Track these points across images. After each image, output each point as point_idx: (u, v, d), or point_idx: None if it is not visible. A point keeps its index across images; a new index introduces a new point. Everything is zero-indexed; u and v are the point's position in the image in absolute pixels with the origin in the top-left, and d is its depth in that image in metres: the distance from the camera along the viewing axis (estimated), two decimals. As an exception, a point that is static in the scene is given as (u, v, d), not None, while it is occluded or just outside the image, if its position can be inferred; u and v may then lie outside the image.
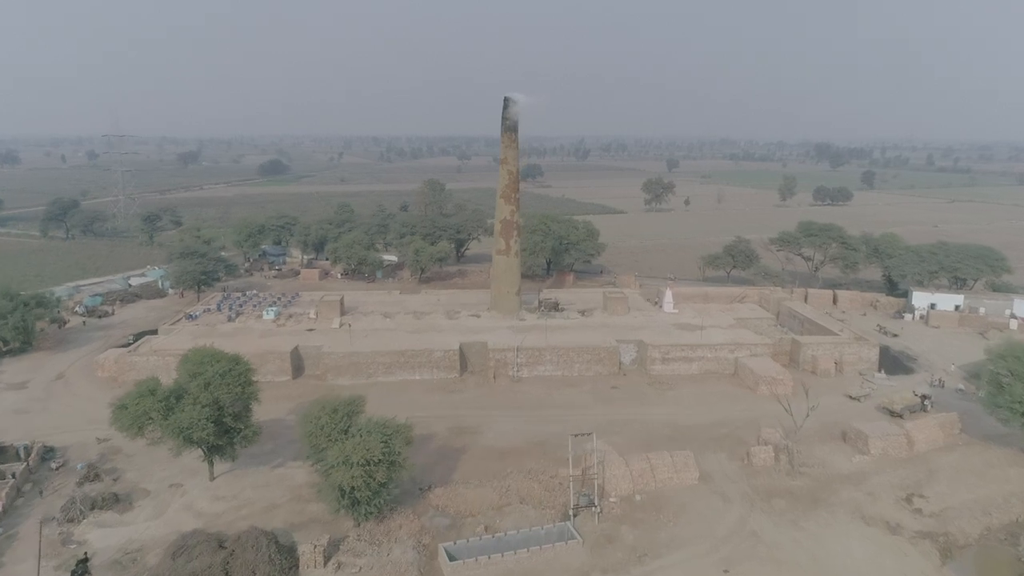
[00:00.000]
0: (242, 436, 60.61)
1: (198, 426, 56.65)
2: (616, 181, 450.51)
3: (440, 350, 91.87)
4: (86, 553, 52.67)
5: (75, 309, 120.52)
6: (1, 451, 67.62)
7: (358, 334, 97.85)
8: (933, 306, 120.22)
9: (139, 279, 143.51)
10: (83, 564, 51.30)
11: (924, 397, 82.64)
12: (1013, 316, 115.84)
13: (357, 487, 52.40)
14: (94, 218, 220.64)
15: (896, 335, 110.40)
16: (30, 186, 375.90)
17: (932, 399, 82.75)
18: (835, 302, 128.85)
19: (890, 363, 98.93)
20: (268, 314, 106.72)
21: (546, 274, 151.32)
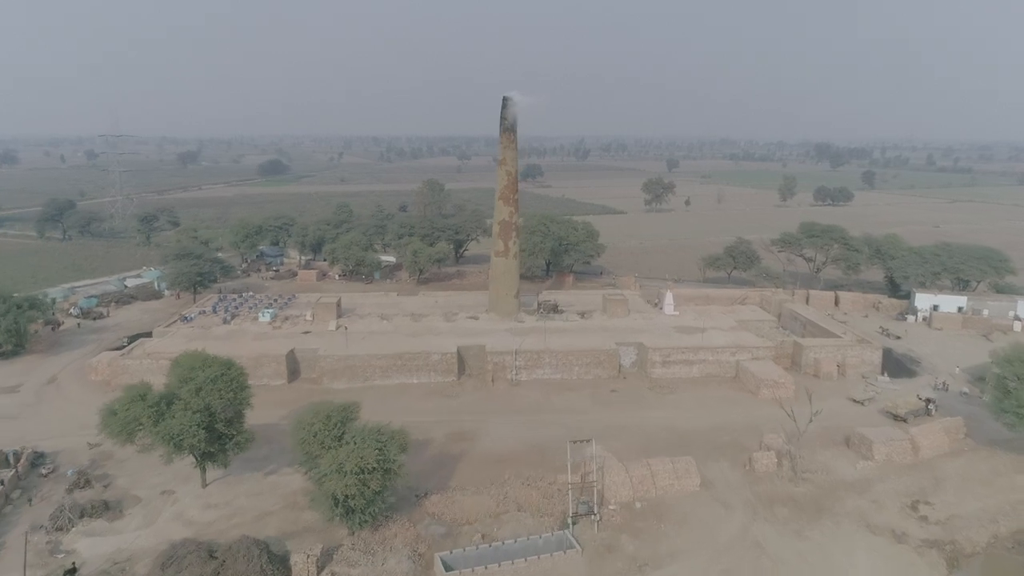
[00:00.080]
0: (234, 443, 59.45)
1: (189, 433, 55.50)
2: (616, 181, 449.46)
3: (437, 353, 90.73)
4: (74, 563, 51.60)
5: (69, 311, 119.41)
6: (-10, 457, 66.39)
7: (355, 337, 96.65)
8: (936, 308, 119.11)
9: (135, 280, 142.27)
10: (71, 574, 50.28)
11: (928, 401, 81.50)
12: (1017, 318, 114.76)
13: (351, 496, 51.29)
14: (91, 219, 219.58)
15: (899, 337, 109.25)
16: (29, 186, 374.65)
17: (936, 403, 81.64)
18: (837, 304, 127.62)
19: (893, 366, 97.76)
20: (264, 316, 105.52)
21: (545, 275, 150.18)
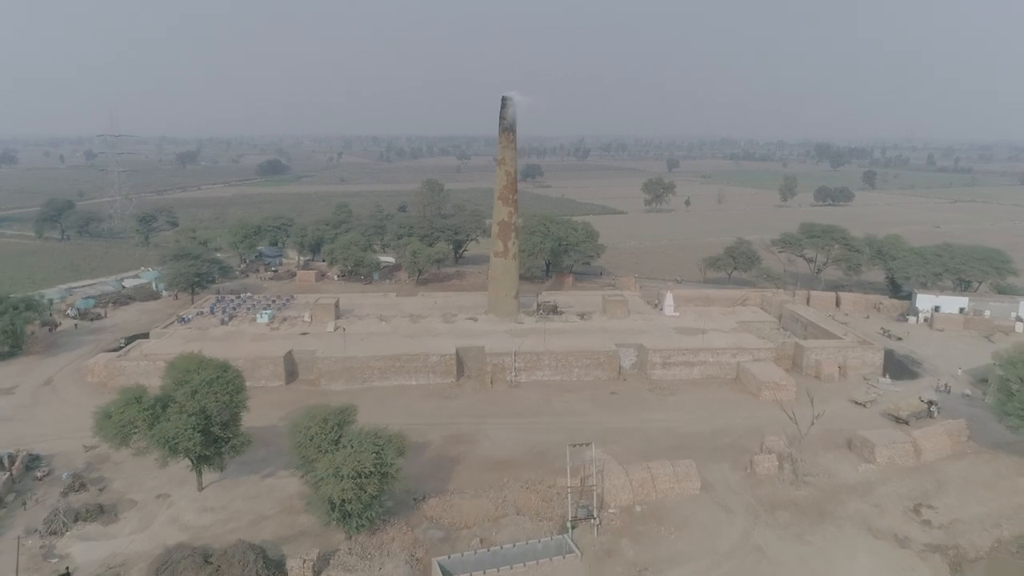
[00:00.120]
0: (230, 446, 58.85)
1: (184, 436, 54.90)
2: (616, 181, 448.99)
3: (436, 355, 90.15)
4: (68, 568, 51.02)
5: (67, 312, 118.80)
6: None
7: (353, 338, 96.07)
8: (937, 309, 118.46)
9: (133, 281, 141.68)
10: (64, 579, 49.71)
11: (930, 403, 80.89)
12: (1019, 319, 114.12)
13: (348, 500, 50.68)
14: (89, 219, 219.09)
15: (900, 338, 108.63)
16: (27, 186, 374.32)
17: (939, 405, 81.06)
18: (838, 304, 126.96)
19: (895, 367, 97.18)
20: (262, 317, 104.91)
21: (545, 276, 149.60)
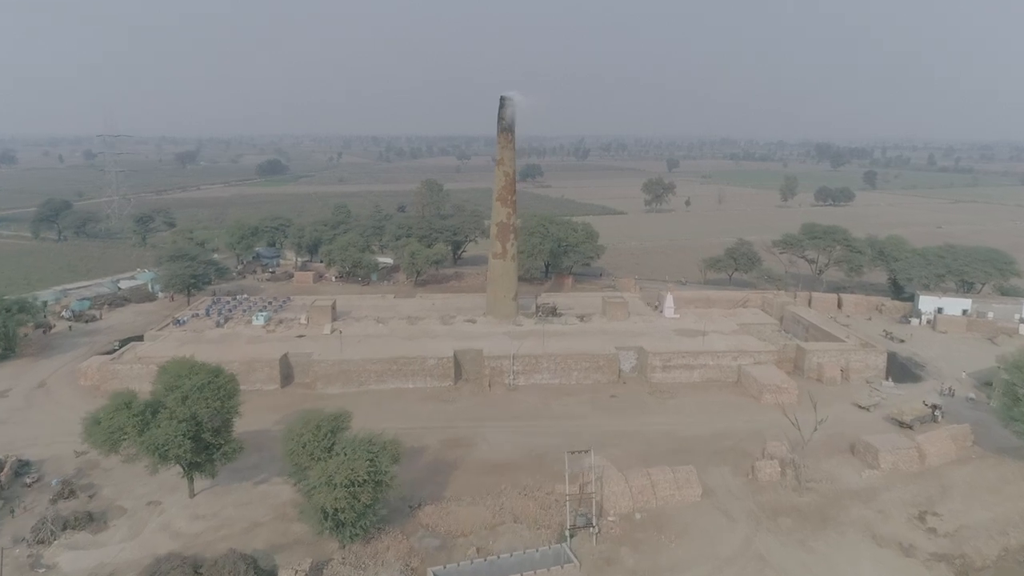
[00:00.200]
0: (222, 453, 57.69)
1: (174, 443, 53.76)
2: (616, 181, 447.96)
3: (434, 357, 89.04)
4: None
5: (61, 313, 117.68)
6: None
7: (349, 340, 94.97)
8: (940, 310, 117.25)
9: (129, 282, 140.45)
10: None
11: (934, 407, 79.76)
12: (1023, 321, 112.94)
13: (341, 509, 49.52)
14: (87, 219, 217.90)
15: (903, 341, 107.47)
16: (26, 186, 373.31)
17: (943, 409, 79.93)
18: (840, 306, 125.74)
19: (897, 370, 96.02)
20: (258, 319, 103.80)
21: (544, 277, 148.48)
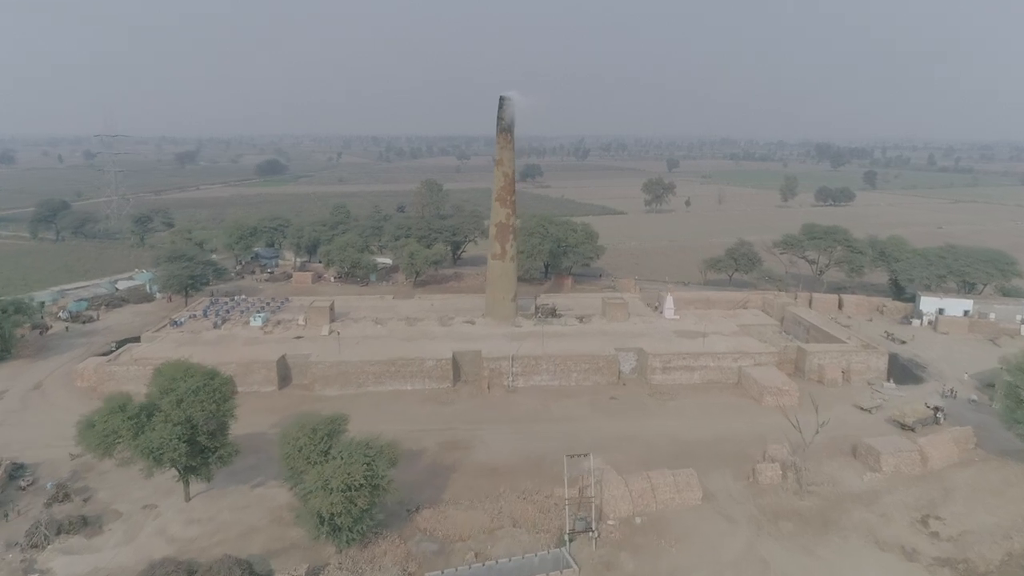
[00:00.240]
0: (217, 456, 57.06)
1: (169, 447, 53.11)
2: (616, 181, 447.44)
3: (432, 359, 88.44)
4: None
5: (58, 314, 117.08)
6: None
7: (348, 342, 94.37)
8: (941, 311, 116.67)
9: (127, 283, 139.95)
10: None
11: (937, 409, 79.15)
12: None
13: (337, 514, 48.94)
14: (85, 219, 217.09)
15: (904, 342, 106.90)
16: (26, 186, 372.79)
17: (945, 411, 79.35)
18: (840, 307, 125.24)
19: (899, 372, 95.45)
20: (255, 320, 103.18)
21: (544, 278, 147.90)
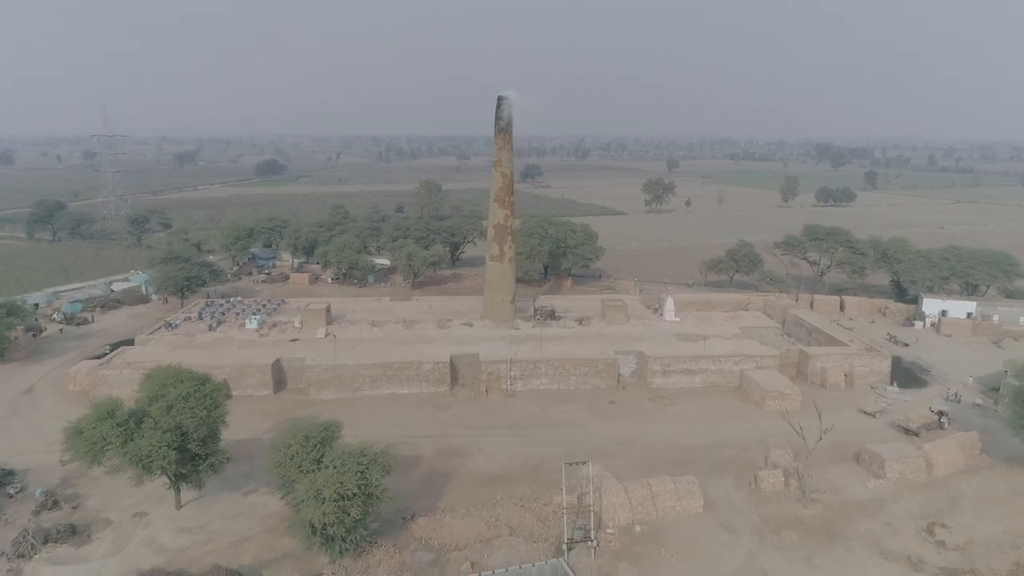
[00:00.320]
0: (208, 464, 55.88)
1: (158, 454, 51.99)
2: (616, 181, 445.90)
3: (429, 362, 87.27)
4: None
5: (52, 316, 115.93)
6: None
7: (344, 345, 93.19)
8: (944, 313, 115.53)
9: (122, 284, 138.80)
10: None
11: (941, 414, 77.98)
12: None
13: (330, 523, 47.73)
14: (81, 220, 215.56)
15: (907, 344, 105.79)
16: (24, 187, 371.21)
17: (949, 415, 78.16)
18: (842, 308, 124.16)
19: (902, 375, 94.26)
20: (251, 323, 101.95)
21: (543, 279, 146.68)
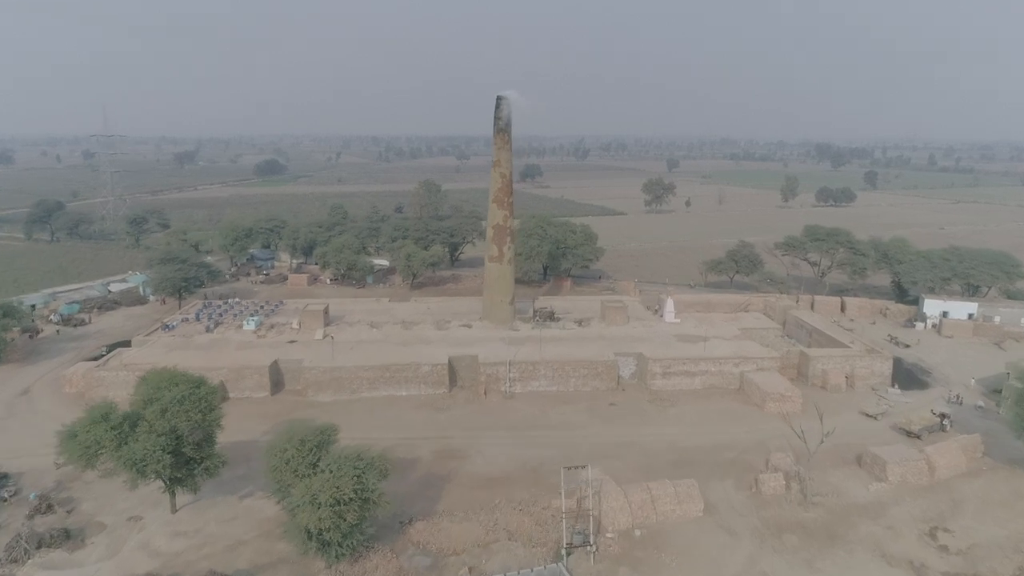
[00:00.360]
0: (203, 468, 55.33)
1: (153, 458, 51.42)
2: (616, 181, 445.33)
3: (428, 364, 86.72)
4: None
5: (49, 317, 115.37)
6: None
7: (342, 346, 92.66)
8: (945, 314, 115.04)
9: (120, 285, 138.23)
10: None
11: (943, 416, 77.52)
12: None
13: (326, 528, 47.20)
14: (79, 220, 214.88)
15: (908, 346, 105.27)
16: (24, 187, 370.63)
17: (951, 418, 77.68)
18: (843, 310, 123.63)
19: (903, 377, 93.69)
20: (249, 324, 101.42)
21: (542, 279, 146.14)
